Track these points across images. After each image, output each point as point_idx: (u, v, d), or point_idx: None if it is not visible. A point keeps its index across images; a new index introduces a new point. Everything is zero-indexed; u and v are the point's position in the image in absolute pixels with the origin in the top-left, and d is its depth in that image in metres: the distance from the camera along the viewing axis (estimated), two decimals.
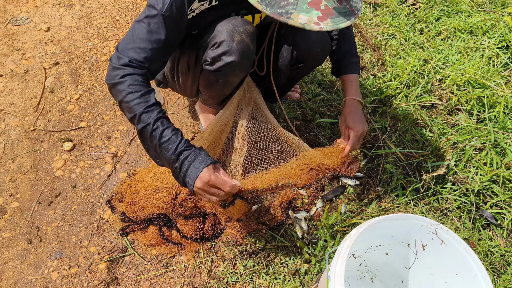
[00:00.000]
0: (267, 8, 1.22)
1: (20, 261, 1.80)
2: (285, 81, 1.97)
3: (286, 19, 1.20)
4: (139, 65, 1.36)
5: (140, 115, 1.33)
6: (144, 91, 1.34)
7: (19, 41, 2.67)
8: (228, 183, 1.32)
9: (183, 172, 1.34)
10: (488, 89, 2.29)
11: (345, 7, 1.23)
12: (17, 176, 2.06)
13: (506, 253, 1.76)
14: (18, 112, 2.31)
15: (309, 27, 1.19)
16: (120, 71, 1.34)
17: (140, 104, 1.32)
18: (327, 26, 1.21)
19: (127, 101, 1.33)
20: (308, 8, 1.20)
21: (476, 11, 2.89)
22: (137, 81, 1.34)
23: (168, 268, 1.77)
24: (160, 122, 1.33)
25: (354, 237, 1.23)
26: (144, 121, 1.33)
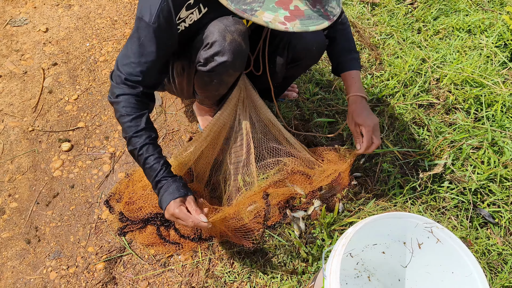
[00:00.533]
0: (231, 4, 1.21)
1: (18, 261, 1.81)
2: (281, 80, 1.97)
3: (250, 16, 1.18)
4: (134, 83, 1.44)
5: (130, 138, 1.45)
6: (136, 115, 1.44)
7: (18, 42, 2.68)
8: (190, 219, 1.40)
9: (159, 199, 1.47)
10: (485, 88, 2.29)
11: (318, 10, 1.21)
12: (16, 177, 2.07)
13: (503, 252, 1.76)
14: (16, 113, 2.32)
15: (274, 26, 1.18)
16: (117, 90, 1.44)
17: (131, 127, 1.44)
18: (294, 27, 1.18)
19: (120, 122, 1.46)
20: (274, 7, 1.18)
21: (474, 10, 2.89)
22: (131, 103, 1.43)
23: (166, 267, 1.78)
24: (146, 149, 1.45)
25: (350, 235, 1.23)
26: (133, 145, 1.45)
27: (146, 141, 1.45)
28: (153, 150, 1.46)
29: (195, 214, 1.40)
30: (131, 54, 1.42)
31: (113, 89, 1.45)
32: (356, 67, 1.78)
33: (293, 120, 2.23)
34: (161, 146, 2.15)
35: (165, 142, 2.20)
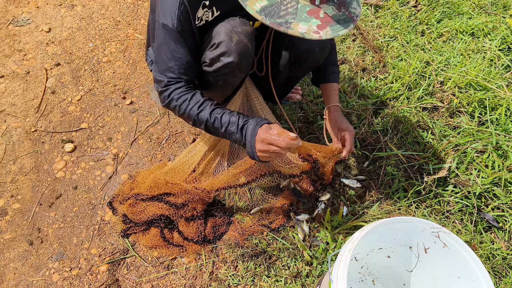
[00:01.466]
0: (266, 18, 1.23)
1: (21, 263, 1.80)
2: (284, 81, 1.97)
3: (286, 29, 1.21)
4: (177, 80, 1.50)
5: (197, 116, 1.47)
6: (190, 96, 1.48)
7: (21, 42, 2.67)
8: (281, 138, 1.33)
9: (247, 145, 1.41)
10: (489, 91, 2.29)
11: (344, 13, 1.24)
12: (18, 177, 2.06)
13: (508, 256, 1.76)
14: (19, 113, 2.31)
15: (309, 36, 1.20)
16: (165, 92, 1.51)
17: (192, 108, 1.47)
18: (327, 34, 1.21)
19: (182, 112, 1.50)
20: (307, 17, 1.20)
21: (478, 13, 2.89)
22: (181, 91, 1.49)
23: (169, 270, 1.77)
24: (216, 113, 1.46)
25: (357, 240, 1.22)
26: (203, 120, 1.47)
27: (212, 107, 1.47)
28: (222, 110, 1.47)
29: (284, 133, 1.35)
30: (166, 60, 1.48)
31: (162, 94, 1.52)
32: (336, 81, 1.90)
33: (296, 122, 2.23)
34: (164, 148, 2.15)
35: (168, 143, 2.19)
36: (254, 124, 1.40)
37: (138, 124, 2.28)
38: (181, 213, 1.83)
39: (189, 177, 1.91)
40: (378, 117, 2.26)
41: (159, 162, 2.11)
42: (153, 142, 2.20)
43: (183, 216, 1.83)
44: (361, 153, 2.13)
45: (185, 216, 1.83)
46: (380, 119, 2.25)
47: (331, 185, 1.99)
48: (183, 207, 1.83)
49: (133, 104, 2.38)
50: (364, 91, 2.40)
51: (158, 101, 2.38)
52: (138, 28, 2.80)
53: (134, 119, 2.30)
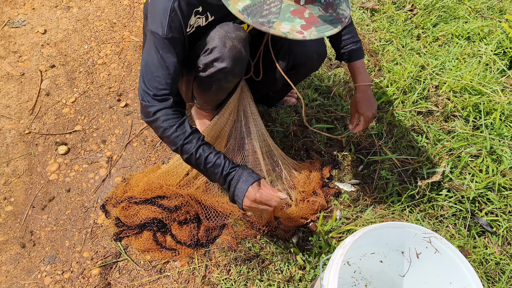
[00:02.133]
0: (248, 17, 1.21)
1: (13, 266, 1.79)
2: (281, 86, 1.97)
3: (268, 29, 1.19)
4: (164, 96, 1.43)
5: (182, 147, 1.43)
6: (178, 123, 1.43)
7: (16, 44, 2.67)
8: (273, 198, 1.37)
9: (231, 192, 1.43)
10: (484, 95, 2.29)
11: (331, 14, 1.22)
12: (12, 180, 2.05)
13: (501, 261, 1.76)
14: (13, 115, 2.30)
15: (292, 36, 1.18)
16: (151, 108, 1.43)
17: (178, 137, 1.43)
18: (311, 35, 1.19)
19: (166, 136, 1.44)
20: (290, 17, 1.18)
21: (474, 17, 2.89)
22: (169, 115, 1.42)
23: (161, 274, 1.76)
24: (202, 150, 1.43)
25: (348, 245, 1.22)
26: (187, 152, 1.43)
27: (199, 143, 1.44)
28: (209, 149, 1.45)
29: (273, 193, 1.38)
30: (153, 69, 1.42)
31: (146, 109, 1.44)
32: (360, 56, 1.82)
33: (291, 126, 2.22)
34: (159, 150, 2.14)
35: (162, 146, 2.19)
36: (243, 178, 1.40)
37: (133, 127, 2.28)
38: (174, 217, 1.82)
39: (182, 180, 1.91)
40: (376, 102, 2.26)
41: (153, 165, 2.11)
42: (147, 145, 2.20)
43: (176, 219, 1.83)
44: (355, 157, 2.13)
45: (178, 219, 1.83)
46: (375, 123, 2.25)
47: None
48: (176, 211, 1.82)
49: (128, 107, 2.37)
50: None
51: None
52: (134, 30, 2.79)
53: (129, 121, 2.30)
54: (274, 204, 1.37)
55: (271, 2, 1.20)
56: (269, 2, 1.20)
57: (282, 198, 1.37)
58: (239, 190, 1.40)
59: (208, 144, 1.47)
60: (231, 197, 1.45)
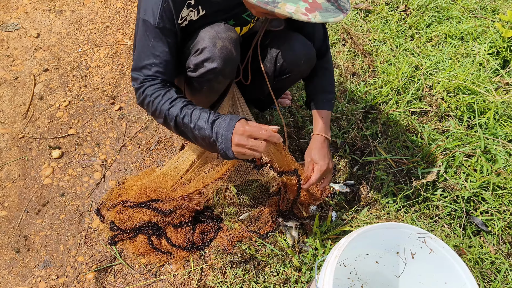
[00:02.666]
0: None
1: (7, 271, 1.78)
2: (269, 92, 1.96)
3: (273, 8, 1.19)
4: (153, 78, 1.43)
5: (167, 112, 1.38)
6: (164, 91, 1.40)
7: (9, 48, 2.65)
8: (264, 128, 1.26)
9: (219, 139, 1.30)
10: (478, 95, 2.29)
11: (333, 4, 1.23)
12: (5, 184, 2.04)
13: (497, 260, 1.76)
14: (6, 119, 2.29)
15: (297, 16, 1.18)
16: (141, 90, 1.43)
17: (164, 103, 1.38)
18: (316, 18, 1.19)
19: (154, 108, 1.41)
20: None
21: (467, 17, 2.90)
22: (155, 88, 1.41)
23: (157, 277, 1.75)
24: (186, 108, 1.36)
25: (343, 246, 1.22)
26: (173, 115, 1.37)
27: (184, 103, 1.38)
28: (193, 106, 1.38)
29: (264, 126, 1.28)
30: (144, 57, 1.42)
31: (137, 92, 1.44)
32: (328, 108, 1.79)
33: (286, 127, 2.22)
34: (153, 154, 2.14)
35: (157, 149, 2.18)
36: (229, 119, 1.30)
37: (127, 130, 2.27)
38: (169, 220, 1.81)
39: (177, 184, 1.90)
40: (367, 121, 2.26)
41: (147, 168, 2.10)
42: (141, 148, 2.19)
43: (171, 222, 1.82)
44: (350, 158, 2.13)
45: (173, 222, 1.82)
46: (369, 123, 2.26)
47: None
48: (171, 214, 1.82)
49: (122, 110, 2.36)
50: (353, 95, 2.41)
51: None
52: (128, 33, 2.79)
53: (123, 124, 2.29)
54: (265, 135, 1.25)
55: None
56: None
57: (274, 130, 1.27)
58: (226, 130, 1.28)
59: (193, 104, 1.40)
60: (220, 145, 1.30)
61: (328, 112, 1.79)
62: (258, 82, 1.83)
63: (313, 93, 1.84)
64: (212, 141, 1.32)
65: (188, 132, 1.38)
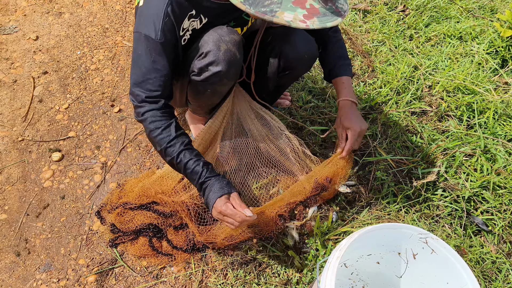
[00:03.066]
0: (250, 7, 1.22)
1: (8, 274, 1.78)
2: (273, 88, 1.97)
3: (271, 17, 1.20)
4: (155, 98, 1.47)
5: (165, 149, 1.48)
6: (165, 126, 1.47)
7: (8, 50, 2.65)
8: (237, 215, 1.41)
9: (205, 200, 1.50)
10: (477, 95, 2.30)
11: (331, 7, 1.24)
12: (5, 187, 2.04)
13: (497, 260, 1.76)
14: (6, 122, 2.29)
15: (295, 24, 1.19)
16: (141, 109, 1.47)
17: (163, 139, 1.47)
18: (314, 24, 1.21)
19: (152, 137, 1.49)
20: (292, 7, 1.20)
21: (465, 17, 2.91)
22: (157, 116, 1.47)
23: (158, 279, 1.75)
24: (183, 155, 1.48)
25: (344, 247, 1.22)
26: (170, 155, 1.48)
27: (181, 147, 1.48)
28: (190, 155, 1.49)
29: (240, 209, 1.42)
30: (145, 71, 1.44)
31: (137, 110, 1.49)
32: (347, 73, 1.79)
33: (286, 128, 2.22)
34: (153, 155, 2.13)
35: None
36: (214, 189, 1.46)
37: (127, 132, 2.27)
38: (169, 222, 1.81)
39: (178, 185, 1.90)
40: (367, 122, 2.26)
41: (147, 170, 2.10)
42: (141, 150, 2.19)
43: (172, 224, 1.82)
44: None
45: (174, 224, 1.82)
46: (369, 124, 2.26)
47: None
48: (171, 216, 1.81)
49: (122, 112, 2.36)
50: None
51: None
52: (127, 35, 2.79)
53: (123, 127, 2.29)
54: (238, 220, 1.41)
55: None
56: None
57: (248, 216, 1.41)
58: (209, 199, 1.46)
59: (191, 149, 1.51)
60: (205, 204, 1.51)
61: (348, 78, 1.79)
62: (261, 79, 1.84)
63: (330, 61, 1.82)
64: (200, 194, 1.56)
65: (180, 173, 1.56)
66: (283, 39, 1.73)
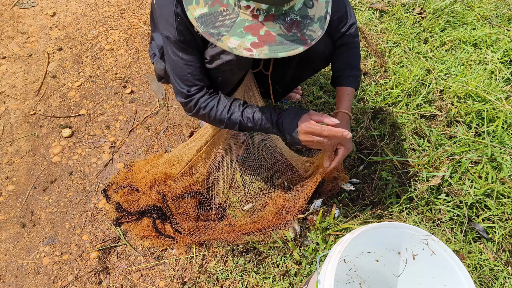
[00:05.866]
0: (201, 26, 1.20)
1: (12, 244, 1.81)
2: (289, 80, 1.97)
3: (216, 41, 1.18)
4: (197, 89, 1.52)
5: (229, 120, 1.52)
6: (216, 101, 1.52)
7: (24, 24, 2.67)
8: (324, 129, 1.40)
9: (288, 137, 1.48)
10: (488, 103, 2.30)
11: (294, 34, 1.18)
12: (14, 160, 2.06)
13: (495, 267, 1.78)
14: (19, 96, 2.31)
15: (238, 52, 1.16)
16: (190, 103, 1.53)
17: (222, 113, 1.51)
18: (261, 54, 1.16)
19: (212, 118, 1.54)
20: (242, 32, 1.16)
21: (482, 24, 2.89)
22: (206, 99, 1.52)
23: (159, 261, 1.78)
24: (247, 113, 1.51)
25: (346, 242, 1.24)
26: (235, 121, 1.51)
27: (241, 108, 1.51)
28: (251, 109, 1.51)
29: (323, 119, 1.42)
30: (179, 70, 1.49)
31: (186, 106, 1.54)
32: (353, 85, 1.74)
33: None
34: (162, 139, 2.15)
35: (166, 135, 2.20)
36: (291, 117, 1.45)
37: (137, 114, 2.29)
38: (174, 206, 1.84)
39: (183, 169, 1.92)
40: (376, 121, 2.27)
41: (155, 153, 2.12)
42: (151, 132, 2.21)
43: (176, 208, 1.84)
44: (356, 157, 2.14)
45: (177, 211, 1.84)
46: (378, 123, 2.26)
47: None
48: (177, 199, 1.84)
49: (133, 94, 2.38)
50: (364, 95, 2.41)
51: (159, 92, 2.38)
52: (143, 18, 2.80)
53: (133, 108, 2.31)
54: (325, 133, 1.40)
55: (227, 14, 1.18)
56: (225, 14, 1.18)
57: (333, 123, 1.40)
58: (291, 129, 1.45)
59: (250, 105, 1.54)
60: (291, 141, 1.49)
61: (353, 90, 1.74)
62: (279, 71, 1.85)
63: (339, 68, 1.78)
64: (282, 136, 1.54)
65: (255, 130, 1.55)
66: None
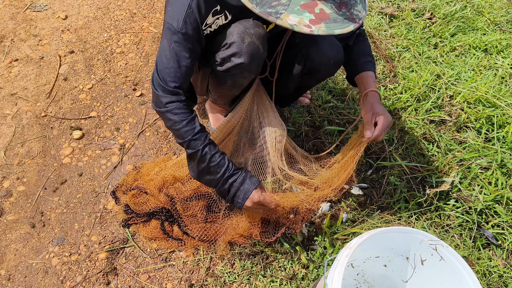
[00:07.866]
0: (257, 7, 1.21)
1: (22, 245, 1.83)
2: (294, 89, 1.98)
3: (275, 19, 1.18)
4: (176, 89, 1.48)
5: (189, 142, 1.50)
6: (189, 118, 1.50)
7: (37, 27, 2.71)
8: (273, 202, 1.57)
9: (231, 193, 1.57)
10: (498, 108, 2.29)
11: (344, 13, 1.21)
12: (25, 161, 2.09)
13: (505, 274, 1.76)
14: (30, 97, 2.34)
15: (298, 28, 1.17)
16: (163, 98, 1.47)
17: (187, 132, 1.49)
18: (319, 30, 1.17)
19: (175, 128, 1.50)
20: (300, 10, 1.18)
21: (492, 30, 2.88)
22: (181, 109, 1.48)
23: (167, 262, 1.79)
24: (208, 148, 1.51)
25: (354, 246, 1.23)
26: (193, 148, 1.51)
27: (206, 140, 1.52)
28: (215, 148, 1.54)
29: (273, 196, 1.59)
30: (165, 60, 1.45)
31: (159, 98, 1.49)
32: (372, 69, 1.74)
33: (303, 126, 2.24)
34: (171, 141, 2.17)
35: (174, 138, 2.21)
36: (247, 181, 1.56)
37: (147, 117, 2.31)
38: (182, 208, 1.84)
39: None
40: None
41: (164, 155, 2.13)
42: (160, 135, 2.22)
43: (184, 211, 1.85)
44: (365, 161, 2.14)
45: (185, 213, 1.85)
46: None
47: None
48: (185, 202, 1.84)
49: (143, 96, 2.40)
50: None
51: None
52: (153, 22, 2.82)
53: (143, 111, 2.33)
54: (272, 206, 1.57)
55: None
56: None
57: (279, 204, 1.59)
58: (242, 192, 1.55)
59: (214, 143, 1.55)
60: (230, 198, 1.58)
61: (373, 73, 1.74)
62: (283, 79, 1.85)
63: (354, 58, 1.77)
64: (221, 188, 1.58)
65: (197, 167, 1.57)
66: (311, 42, 1.72)
